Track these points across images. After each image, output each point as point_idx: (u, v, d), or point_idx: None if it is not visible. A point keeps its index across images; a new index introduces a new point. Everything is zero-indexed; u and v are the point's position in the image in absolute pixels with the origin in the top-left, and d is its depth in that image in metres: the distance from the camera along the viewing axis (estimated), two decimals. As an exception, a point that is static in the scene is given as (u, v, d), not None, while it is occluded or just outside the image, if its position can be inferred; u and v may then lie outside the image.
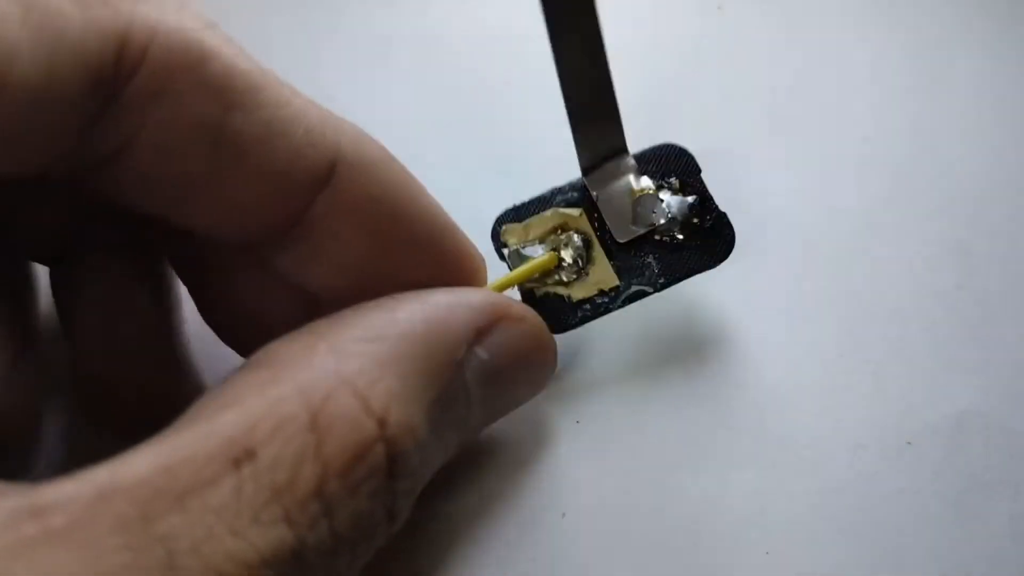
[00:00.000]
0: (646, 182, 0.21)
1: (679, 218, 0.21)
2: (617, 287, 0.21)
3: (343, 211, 0.17)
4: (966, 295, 0.23)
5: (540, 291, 0.21)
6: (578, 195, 0.21)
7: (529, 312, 0.19)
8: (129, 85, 0.14)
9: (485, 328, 0.17)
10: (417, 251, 0.18)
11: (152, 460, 0.13)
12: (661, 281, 0.21)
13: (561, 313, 0.21)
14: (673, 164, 0.21)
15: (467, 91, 0.26)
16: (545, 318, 0.19)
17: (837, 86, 0.26)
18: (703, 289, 0.23)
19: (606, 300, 0.21)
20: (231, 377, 0.15)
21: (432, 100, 0.26)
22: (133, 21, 0.14)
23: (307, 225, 0.17)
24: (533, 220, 0.21)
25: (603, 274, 0.21)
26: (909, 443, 0.21)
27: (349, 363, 0.15)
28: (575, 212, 0.21)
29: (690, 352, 0.22)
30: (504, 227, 0.21)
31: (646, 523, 0.20)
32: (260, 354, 0.15)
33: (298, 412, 0.14)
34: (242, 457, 0.13)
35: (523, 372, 0.19)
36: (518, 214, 0.21)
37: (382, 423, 0.14)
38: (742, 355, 0.22)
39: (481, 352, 0.17)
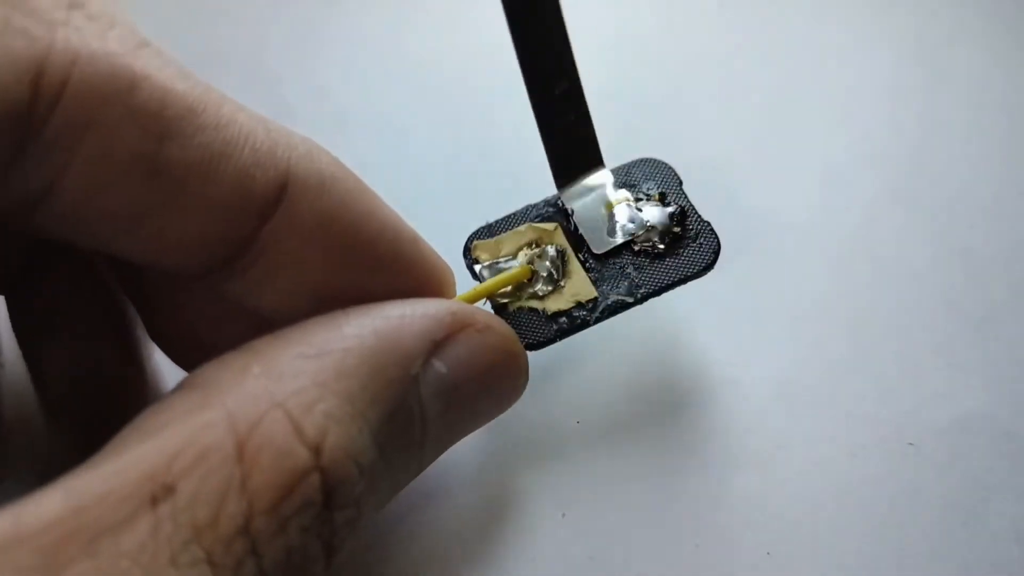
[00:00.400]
0: (623, 194, 0.21)
1: (659, 227, 0.20)
2: (595, 299, 0.20)
3: (297, 231, 0.16)
4: (969, 296, 0.23)
5: (513, 305, 0.20)
6: (553, 210, 0.21)
7: (496, 321, 0.18)
8: (50, 119, 0.13)
9: (444, 339, 0.16)
10: (378, 266, 0.17)
11: (62, 500, 0.12)
12: (642, 291, 0.20)
13: (535, 327, 0.20)
14: (652, 177, 0.21)
15: (449, 107, 0.27)
16: (519, 335, 0.18)
17: (839, 87, 0.26)
18: (705, 289, 0.22)
19: (584, 313, 0.20)
20: (159, 402, 0.14)
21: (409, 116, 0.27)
22: (51, 49, 0.13)
23: (258, 249, 0.16)
24: (506, 235, 0.21)
25: (580, 286, 0.20)
26: (911, 444, 0.20)
27: (284, 384, 0.14)
28: (550, 226, 0.21)
29: (691, 353, 0.22)
30: (475, 243, 0.21)
31: (646, 523, 0.20)
32: (192, 376, 0.14)
33: (223, 440, 0.13)
34: (160, 494, 0.12)
35: (488, 386, 0.17)
36: (491, 232, 0.21)
37: (317, 450, 0.13)
38: (743, 356, 0.22)
39: (439, 365, 0.16)
